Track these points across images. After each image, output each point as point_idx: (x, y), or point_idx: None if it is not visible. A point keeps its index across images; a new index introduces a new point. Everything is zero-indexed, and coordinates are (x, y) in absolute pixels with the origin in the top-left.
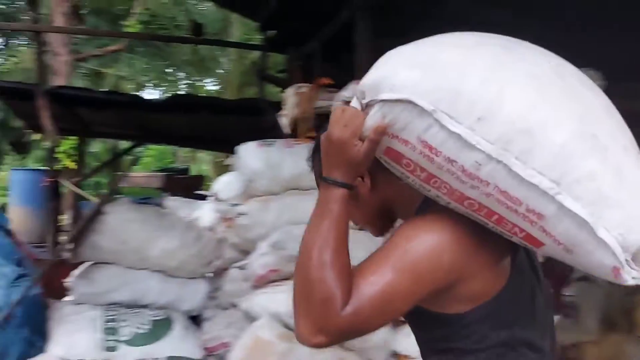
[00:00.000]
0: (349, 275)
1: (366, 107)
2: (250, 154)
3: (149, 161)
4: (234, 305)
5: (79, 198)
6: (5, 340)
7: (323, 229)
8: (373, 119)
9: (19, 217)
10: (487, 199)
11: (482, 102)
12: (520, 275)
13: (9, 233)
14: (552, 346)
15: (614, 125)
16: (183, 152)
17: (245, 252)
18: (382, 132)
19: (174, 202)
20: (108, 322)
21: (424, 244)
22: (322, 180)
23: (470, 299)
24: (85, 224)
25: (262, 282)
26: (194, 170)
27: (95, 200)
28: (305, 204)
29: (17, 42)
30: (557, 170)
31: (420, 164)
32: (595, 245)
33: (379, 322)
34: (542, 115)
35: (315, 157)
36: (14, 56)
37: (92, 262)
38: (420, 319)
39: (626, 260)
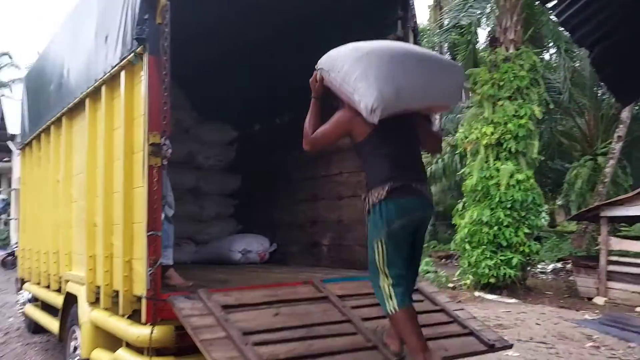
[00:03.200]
0: (317, 127)
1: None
2: None
3: None
4: None
5: None
6: None
7: (309, 113)
8: (319, 74)
9: None
10: (346, 94)
11: (340, 64)
12: (383, 128)
13: None
14: (420, 167)
15: (394, 67)
16: None
17: None
18: (320, 78)
19: None
20: None
21: (338, 115)
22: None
23: (360, 135)
24: None
25: None
26: None
27: None
28: None
29: None
30: (355, 84)
31: (334, 86)
32: (363, 108)
33: (325, 140)
34: (353, 69)
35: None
36: None
37: None
38: (355, 147)
39: (370, 112)
